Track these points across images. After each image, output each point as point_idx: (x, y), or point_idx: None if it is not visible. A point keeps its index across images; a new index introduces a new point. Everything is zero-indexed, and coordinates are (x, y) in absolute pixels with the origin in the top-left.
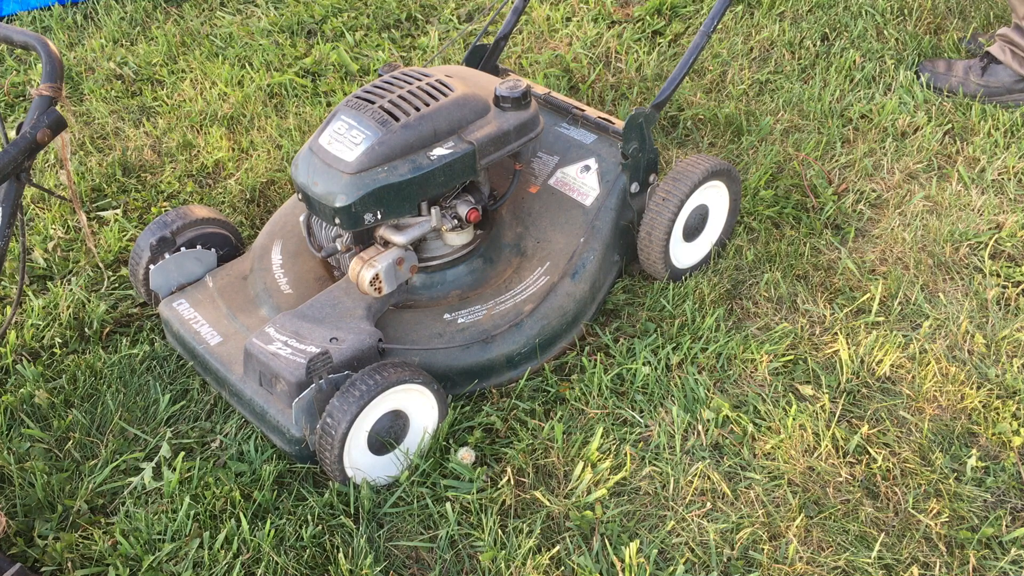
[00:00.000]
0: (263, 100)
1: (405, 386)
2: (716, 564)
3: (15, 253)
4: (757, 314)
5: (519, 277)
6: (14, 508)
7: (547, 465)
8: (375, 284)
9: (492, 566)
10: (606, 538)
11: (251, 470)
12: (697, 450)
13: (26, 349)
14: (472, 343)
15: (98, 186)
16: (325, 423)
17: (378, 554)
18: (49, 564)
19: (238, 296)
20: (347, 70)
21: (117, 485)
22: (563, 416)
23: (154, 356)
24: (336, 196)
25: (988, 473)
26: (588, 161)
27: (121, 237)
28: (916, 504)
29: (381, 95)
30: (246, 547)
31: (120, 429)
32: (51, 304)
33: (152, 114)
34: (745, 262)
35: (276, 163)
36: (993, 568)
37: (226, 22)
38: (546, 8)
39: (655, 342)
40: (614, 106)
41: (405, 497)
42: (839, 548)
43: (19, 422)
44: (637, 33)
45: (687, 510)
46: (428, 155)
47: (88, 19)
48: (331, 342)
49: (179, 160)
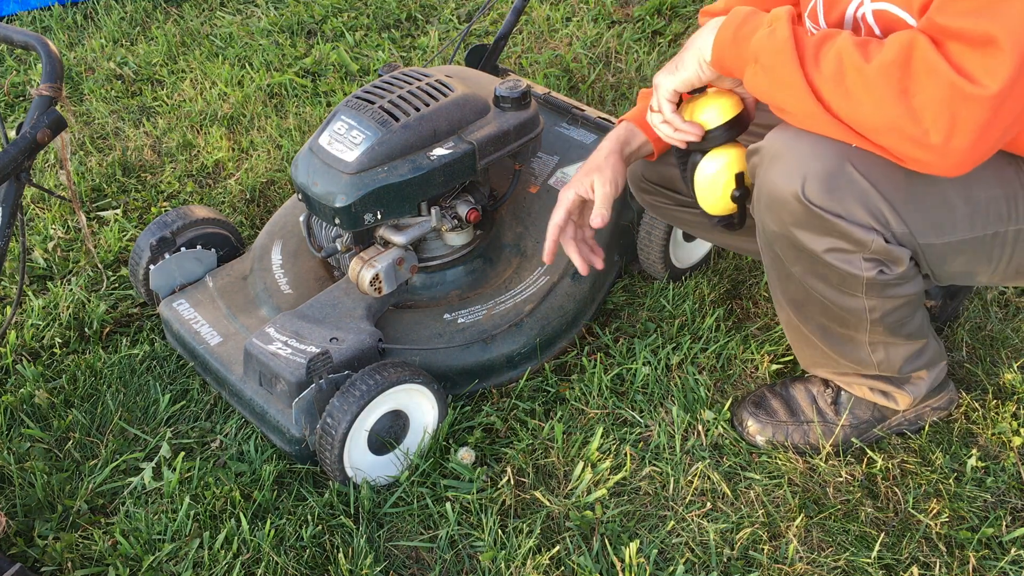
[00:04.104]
0: (263, 100)
1: (405, 386)
2: (716, 564)
3: (15, 253)
4: (757, 314)
5: (519, 277)
6: (14, 508)
7: (547, 465)
8: (375, 284)
9: (492, 566)
10: (606, 538)
11: (251, 470)
12: (697, 450)
13: (26, 349)
14: (472, 343)
15: (98, 186)
16: (325, 423)
17: (378, 554)
18: (49, 564)
19: (238, 296)
20: (347, 70)
21: (117, 485)
22: (563, 416)
23: (154, 356)
24: (336, 196)
25: (988, 473)
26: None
27: (121, 237)
28: (916, 504)
29: (381, 95)
30: (246, 547)
31: (120, 429)
32: (51, 304)
33: (152, 114)
34: (745, 262)
35: (276, 163)
36: (993, 568)
37: (226, 22)
38: (546, 8)
39: (655, 342)
40: (614, 106)
41: (405, 497)
42: (839, 548)
43: (19, 422)
44: (637, 33)
45: (687, 510)
46: (428, 155)
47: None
48: (331, 342)
49: (179, 160)
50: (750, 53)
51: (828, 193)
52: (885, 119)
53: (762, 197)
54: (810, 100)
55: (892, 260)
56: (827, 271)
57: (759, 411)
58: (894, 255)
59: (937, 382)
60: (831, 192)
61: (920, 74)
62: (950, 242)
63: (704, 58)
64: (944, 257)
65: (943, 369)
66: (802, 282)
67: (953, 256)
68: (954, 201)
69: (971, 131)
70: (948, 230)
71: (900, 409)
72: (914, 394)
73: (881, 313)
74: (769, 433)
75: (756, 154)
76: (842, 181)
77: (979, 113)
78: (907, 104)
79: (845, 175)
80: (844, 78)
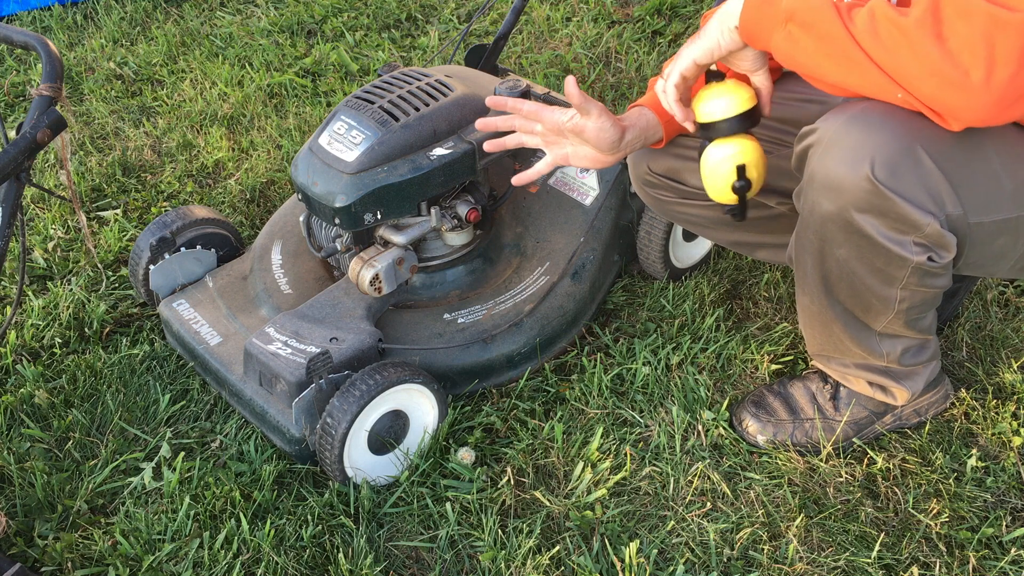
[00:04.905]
0: (263, 100)
1: (405, 386)
2: (716, 564)
3: (15, 253)
4: (757, 314)
5: (519, 277)
6: (14, 508)
7: (547, 465)
8: (375, 284)
9: (492, 566)
10: (606, 538)
11: (251, 470)
12: (697, 450)
13: (26, 349)
14: (472, 343)
15: (98, 186)
16: (325, 423)
17: (378, 554)
18: (49, 564)
19: (238, 296)
20: (347, 70)
21: (117, 485)
22: (563, 416)
23: (154, 356)
24: (336, 196)
25: (988, 473)
26: None
27: (121, 237)
28: (916, 504)
29: (381, 95)
30: (246, 547)
31: (120, 429)
32: (51, 304)
33: (152, 114)
34: (745, 262)
35: (276, 163)
36: (993, 568)
37: (226, 22)
38: (546, 8)
39: (655, 342)
40: (614, 106)
41: (405, 497)
42: (839, 548)
43: (19, 422)
44: (637, 33)
45: (687, 510)
46: (428, 155)
47: (88, 19)
48: (331, 342)
49: (179, 160)
50: (782, 12)
51: (895, 174)
52: (923, 66)
53: (816, 179)
54: (854, 49)
55: (942, 246)
56: (875, 255)
57: (759, 411)
58: (944, 241)
59: (932, 376)
60: (898, 173)
61: (951, 18)
62: (996, 220)
63: (730, 24)
64: (989, 237)
65: (937, 364)
66: (844, 264)
67: (995, 236)
68: (1002, 177)
69: (1012, 60)
70: (995, 208)
71: (898, 404)
72: (912, 389)
73: (909, 304)
74: (770, 432)
75: (810, 136)
76: (910, 161)
77: (1018, 39)
78: (943, 48)
79: (913, 155)
80: (878, 30)
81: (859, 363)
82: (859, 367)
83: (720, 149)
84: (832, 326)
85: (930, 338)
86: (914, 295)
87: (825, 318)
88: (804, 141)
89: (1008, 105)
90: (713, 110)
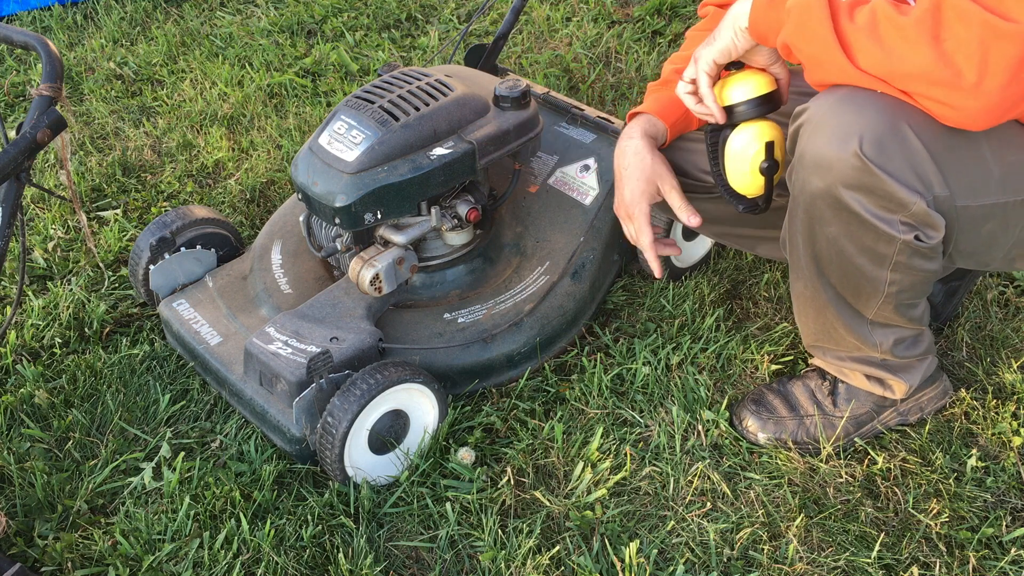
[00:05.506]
0: (263, 100)
1: (405, 385)
2: (716, 564)
3: (15, 253)
4: (757, 314)
5: (519, 277)
6: (14, 508)
7: (547, 465)
8: (375, 284)
9: (492, 566)
10: (606, 538)
11: (251, 470)
12: (697, 450)
13: (26, 349)
14: (472, 343)
15: (98, 186)
16: (326, 422)
17: (378, 554)
18: (49, 564)
19: (238, 296)
20: (347, 70)
21: (117, 485)
22: (563, 416)
23: (154, 356)
24: (336, 196)
25: (988, 473)
26: (587, 160)
27: (121, 237)
28: (916, 504)
29: (381, 95)
30: (246, 547)
31: (120, 429)
32: (51, 304)
33: (152, 114)
34: (745, 262)
35: (276, 163)
36: (993, 568)
37: (226, 22)
38: (546, 8)
39: (655, 342)
40: (614, 106)
41: (405, 497)
42: (839, 548)
43: (19, 422)
44: (637, 33)
45: (687, 510)
46: (428, 155)
47: (88, 19)
48: (331, 342)
49: (179, 160)
50: (785, 13)
51: (883, 151)
52: (917, 65)
53: (806, 157)
54: (838, 54)
55: (930, 226)
56: (863, 233)
57: (759, 409)
58: (932, 220)
59: (930, 371)
60: (886, 150)
61: (951, 20)
62: (983, 204)
63: (740, 25)
64: (976, 222)
65: (934, 360)
66: (834, 243)
67: (983, 222)
68: (990, 162)
69: (1004, 69)
70: (983, 192)
71: (897, 398)
72: (909, 382)
73: (899, 288)
74: (770, 431)
75: (801, 116)
76: (898, 140)
77: (1012, 49)
78: (939, 49)
79: (900, 133)
80: (877, 27)
81: (854, 356)
82: (854, 360)
83: (745, 132)
84: (825, 311)
85: (923, 330)
86: (904, 278)
87: (818, 303)
88: (795, 122)
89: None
90: (736, 94)
